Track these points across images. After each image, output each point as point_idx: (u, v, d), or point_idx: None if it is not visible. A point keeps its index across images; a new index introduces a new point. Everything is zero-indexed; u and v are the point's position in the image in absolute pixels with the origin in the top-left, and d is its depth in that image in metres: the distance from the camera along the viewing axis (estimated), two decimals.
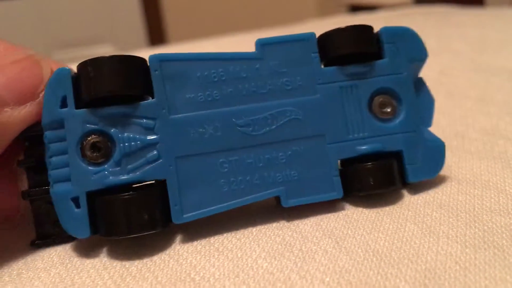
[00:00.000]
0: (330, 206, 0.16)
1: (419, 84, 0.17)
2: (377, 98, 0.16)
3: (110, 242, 0.15)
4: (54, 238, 0.15)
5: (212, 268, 0.13)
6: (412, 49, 0.16)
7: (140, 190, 0.14)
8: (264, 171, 0.15)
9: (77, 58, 0.19)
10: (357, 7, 1.31)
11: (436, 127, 0.18)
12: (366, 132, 0.16)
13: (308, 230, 0.15)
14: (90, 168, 0.14)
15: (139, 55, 0.15)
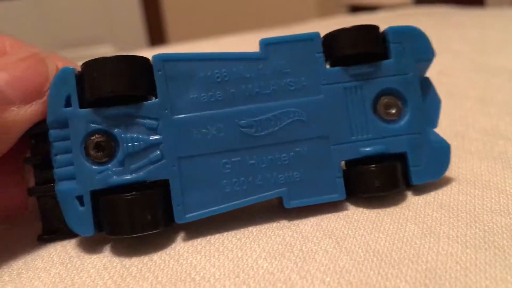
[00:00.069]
0: (330, 206, 0.16)
1: (426, 84, 0.17)
2: (382, 99, 0.16)
3: (111, 241, 0.15)
4: (60, 233, 0.15)
5: (212, 268, 0.13)
6: (418, 48, 0.16)
7: (143, 191, 0.14)
8: (266, 172, 0.15)
9: (77, 58, 0.19)
10: (357, 8, 1.31)
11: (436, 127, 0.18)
12: (370, 133, 0.16)
13: (308, 230, 0.15)
14: (94, 167, 0.14)
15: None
